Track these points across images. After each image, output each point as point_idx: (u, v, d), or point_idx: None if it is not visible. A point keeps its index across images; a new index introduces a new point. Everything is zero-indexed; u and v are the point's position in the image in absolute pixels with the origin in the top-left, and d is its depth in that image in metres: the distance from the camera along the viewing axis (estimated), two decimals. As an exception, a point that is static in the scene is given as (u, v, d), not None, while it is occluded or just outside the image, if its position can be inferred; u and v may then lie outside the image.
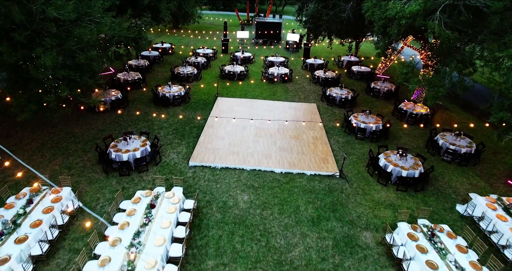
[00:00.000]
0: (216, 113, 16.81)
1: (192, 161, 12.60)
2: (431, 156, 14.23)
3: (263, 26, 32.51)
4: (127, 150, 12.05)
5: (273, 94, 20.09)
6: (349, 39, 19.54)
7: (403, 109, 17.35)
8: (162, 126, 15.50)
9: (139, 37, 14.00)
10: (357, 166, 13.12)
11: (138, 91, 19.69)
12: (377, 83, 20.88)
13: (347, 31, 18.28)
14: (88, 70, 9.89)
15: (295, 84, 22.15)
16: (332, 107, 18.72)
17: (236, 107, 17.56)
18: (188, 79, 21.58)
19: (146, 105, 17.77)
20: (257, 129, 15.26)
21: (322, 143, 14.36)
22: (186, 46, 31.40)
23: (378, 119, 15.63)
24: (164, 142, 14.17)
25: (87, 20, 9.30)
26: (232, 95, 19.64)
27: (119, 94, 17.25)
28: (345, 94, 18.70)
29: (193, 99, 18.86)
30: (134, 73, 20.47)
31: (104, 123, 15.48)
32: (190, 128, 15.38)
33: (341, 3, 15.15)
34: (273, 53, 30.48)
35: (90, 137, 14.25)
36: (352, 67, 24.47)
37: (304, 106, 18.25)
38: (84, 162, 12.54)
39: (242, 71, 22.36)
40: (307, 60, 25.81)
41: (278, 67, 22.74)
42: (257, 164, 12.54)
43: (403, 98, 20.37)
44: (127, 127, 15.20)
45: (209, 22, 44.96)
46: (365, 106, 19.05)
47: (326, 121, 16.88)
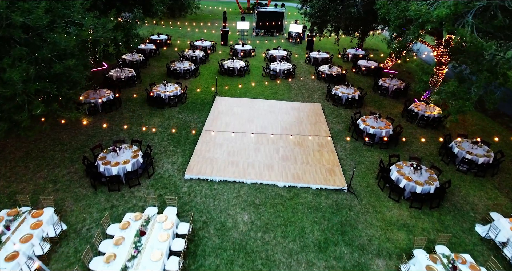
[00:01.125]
0: (214, 115, 15.73)
1: (188, 173, 11.63)
2: (445, 164, 13.23)
3: (264, 16, 30.99)
4: (116, 163, 11.06)
5: (275, 93, 18.95)
6: (357, 34, 18.27)
7: (414, 111, 16.25)
8: (156, 130, 14.45)
9: (128, 36, 12.79)
10: (367, 177, 12.15)
11: (131, 89, 18.55)
12: (385, 80, 19.69)
13: (355, 26, 16.97)
14: (67, 81, 8.79)
15: (298, 81, 20.96)
16: (338, 107, 17.61)
17: (235, 109, 16.47)
18: (185, 76, 20.40)
19: (140, 106, 16.67)
20: (258, 135, 14.21)
21: (328, 151, 13.34)
22: (183, 37, 29.99)
23: (388, 123, 14.57)
24: (158, 149, 13.16)
25: (64, 23, 8.10)
26: (232, 94, 18.50)
27: (111, 94, 16.13)
28: (351, 93, 17.55)
29: (190, 98, 17.74)
30: (128, 69, 19.27)
31: (94, 128, 14.44)
32: (186, 134, 14.34)
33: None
34: (275, 45, 29.11)
35: (79, 144, 13.24)
36: (358, 62, 23.19)
37: (308, 107, 17.14)
38: (71, 174, 11.57)
39: (242, 66, 21.13)
40: (310, 54, 24.51)
41: (280, 62, 21.50)
42: (258, 176, 11.56)
43: (413, 97, 19.25)
44: (119, 133, 14.17)
45: (208, 11, 43.23)
46: (372, 106, 17.95)
47: (332, 124, 15.81)
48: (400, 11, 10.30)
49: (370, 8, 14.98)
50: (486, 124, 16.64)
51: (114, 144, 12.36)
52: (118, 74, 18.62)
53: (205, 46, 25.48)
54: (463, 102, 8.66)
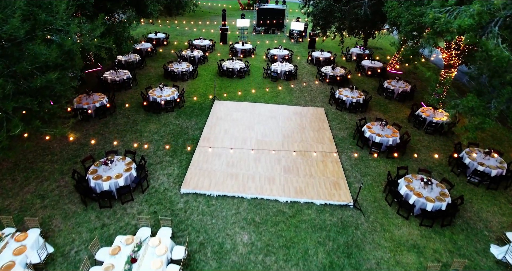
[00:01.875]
0: (212, 121, 15.03)
1: (184, 187, 10.98)
2: (455, 176, 12.57)
3: (265, 13, 30.09)
4: (108, 177, 10.40)
5: (276, 96, 18.22)
6: (362, 36, 17.47)
7: (421, 117, 15.54)
8: (152, 139, 13.78)
9: (121, 39, 12.03)
10: (373, 191, 11.49)
11: (127, 92, 17.83)
12: (391, 82, 18.94)
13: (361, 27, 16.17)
14: (50, 95, 8.09)
15: (300, 83, 20.21)
16: (341, 112, 16.89)
17: (235, 114, 15.76)
18: (183, 78, 19.66)
19: (135, 110, 15.97)
20: (259, 143, 13.53)
21: (333, 161, 12.67)
22: (182, 36, 29.15)
23: (395, 131, 13.87)
24: (153, 160, 12.50)
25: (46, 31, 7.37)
26: (231, 97, 17.78)
27: (105, 99, 15.43)
28: (356, 97, 16.82)
29: (187, 102, 17.03)
30: (123, 71, 18.52)
31: (86, 136, 13.77)
32: (183, 142, 13.67)
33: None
34: (276, 43, 28.27)
35: (70, 154, 12.58)
36: (362, 62, 22.39)
37: (311, 112, 16.43)
38: (61, 188, 10.93)
39: (242, 67, 20.37)
40: (313, 54, 23.71)
41: (282, 63, 20.73)
42: (258, 191, 10.91)
43: (419, 100, 18.53)
44: (112, 141, 13.49)
45: (207, 7, 42.24)
46: (377, 110, 17.24)
47: (335, 130, 15.12)
48: (413, 16, 9.52)
49: (377, 9, 14.19)
50: (496, 131, 15.94)
51: (106, 155, 11.71)
52: (113, 76, 17.89)
53: (203, 45, 24.67)
54: (483, 119, 7.98)
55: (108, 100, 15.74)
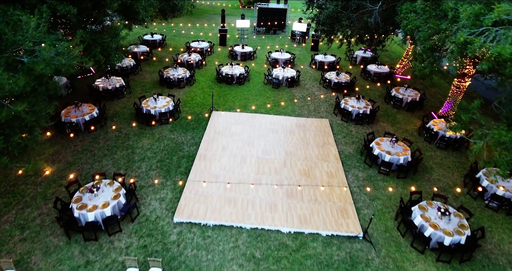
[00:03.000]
0: (210, 136, 14.05)
1: (178, 216, 10.03)
2: (472, 199, 11.61)
3: (266, 13, 28.93)
4: (94, 206, 9.45)
5: (277, 105, 17.20)
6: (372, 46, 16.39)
7: (433, 130, 14.54)
8: (144, 156, 12.81)
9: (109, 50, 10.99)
10: (384, 218, 10.55)
11: (120, 102, 16.83)
12: (399, 90, 17.90)
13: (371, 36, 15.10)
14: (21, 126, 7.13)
15: (303, 90, 19.18)
16: (347, 123, 15.88)
17: (234, 127, 14.77)
18: (179, 84, 18.64)
19: (128, 123, 14.97)
20: (260, 161, 12.56)
21: (339, 183, 11.71)
22: (179, 37, 28.02)
23: (405, 148, 12.90)
24: (145, 182, 11.54)
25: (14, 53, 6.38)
26: (230, 106, 16.78)
27: (95, 110, 14.44)
28: (363, 107, 15.80)
29: (183, 113, 16.03)
30: (116, 78, 17.48)
31: (73, 152, 12.80)
32: (178, 160, 12.70)
33: (367, 5, 11.91)
34: (277, 43, 27.19)
35: (55, 175, 11.63)
36: (368, 67, 21.32)
37: (315, 124, 15.42)
38: (43, 216, 9.99)
39: (242, 73, 19.32)
40: (316, 57, 22.62)
41: (283, 68, 19.67)
42: (259, 220, 9.97)
43: (429, 109, 17.53)
44: (102, 159, 12.53)
45: (206, 5, 40.99)
46: (385, 121, 16.23)
47: (341, 145, 14.14)
48: (434, 31, 8.46)
49: (389, 15, 13.11)
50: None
51: (93, 178, 10.78)
52: (104, 84, 16.87)
53: (202, 48, 23.58)
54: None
55: (99, 111, 14.76)
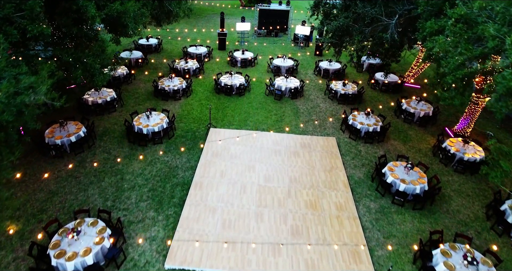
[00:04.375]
0: (207, 159, 12.89)
1: (169, 262, 8.91)
2: (496, 235, 10.48)
3: (267, 15, 27.60)
4: (74, 254, 8.33)
5: (280, 120, 16.01)
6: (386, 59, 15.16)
7: (449, 152, 13.36)
8: (134, 184, 11.67)
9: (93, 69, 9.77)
10: (401, 262, 9.42)
11: (110, 116, 15.64)
12: (410, 103, 16.69)
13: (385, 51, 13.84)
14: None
15: (307, 101, 17.97)
16: (356, 142, 14.70)
17: (233, 147, 13.60)
18: (175, 96, 17.43)
19: (118, 143, 13.80)
20: (262, 190, 11.42)
21: (350, 217, 10.57)
22: (176, 39, 26.71)
23: (421, 174, 11.75)
24: (134, 216, 10.41)
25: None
26: (229, 122, 15.60)
27: (82, 130, 13.26)
28: (372, 125, 14.61)
29: (178, 130, 14.85)
30: (107, 91, 16.26)
31: (57, 179, 11.66)
32: (172, 188, 11.56)
33: (383, 18, 10.64)
34: (279, 47, 25.91)
35: (36, 207, 10.50)
36: (375, 76, 20.07)
37: (321, 143, 14.24)
38: (18, 262, 8.88)
39: (242, 84, 18.10)
40: (320, 64, 21.35)
41: (286, 78, 18.43)
42: (261, 267, 8.86)
43: (442, 123, 16.35)
44: (87, 187, 11.39)
45: (205, 4, 39.51)
46: (396, 138, 15.06)
47: (350, 168, 12.98)
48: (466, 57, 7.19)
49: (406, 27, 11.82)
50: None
51: (75, 215, 9.65)
52: (94, 97, 15.65)
53: (200, 53, 22.34)
54: None
55: (87, 130, 13.59)
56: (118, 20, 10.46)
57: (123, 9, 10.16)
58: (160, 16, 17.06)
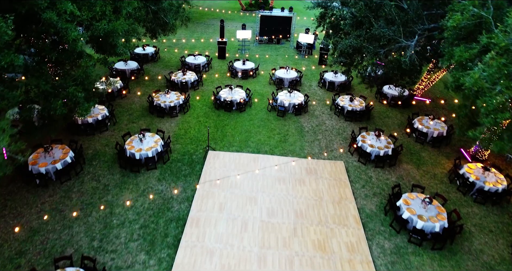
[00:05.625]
0: (205, 188, 11.83)
1: (160, 321, 7.84)
2: (526, 282, 9.41)
3: (269, 22, 26.47)
4: (50, 316, 7.25)
5: (283, 140, 14.92)
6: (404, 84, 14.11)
7: (468, 180, 12.29)
8: (124, 219, 10.60)
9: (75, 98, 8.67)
10: (422, 317, 8.35)
11: (102, 137, 14.57)
12: (422, 121, 15.61)
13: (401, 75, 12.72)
14: None
15: (312, 118, 16.88)
16: (365, 166, 13.63)
17: (233, 174, 12.53)
18: (171, 112, 16.36)
19: (109, 168, 12.75)
20: (265, 228, 10.35)
21: (363, 261, 9.51)
22: (174, 47, 25.60)
23: (441, 209, 10.68)
24: (123, 259, 9.34)
25: None
26: (229, 142, 14.53)
27: (69, 155, 12.20)
28: (384, 148, 13.53)
29: (175, 153, 13.79)
30: (99, 108, 15.19)
31: (39, 214, 10.60)
32: (165, 224, 10.49)
33: (401, 39, 9.51)
34: (281, 55, 24.82)
35: (13, 249, 9.45)
36: (383, 89, 18.99)
37: (328, 168, 13.17)
38: (-12, 320, 7.81)
39: (243, 98, 17.02)
40: (325, 76, 20.26)
41: (290, 92, 17.34)
42: None
43: (457, 143, 15.29)
44: (73, 223, 10.35)
45: (205, 6, 38.31)
46: (408, 161, 14.01)
47: (361, 198, 11.92)
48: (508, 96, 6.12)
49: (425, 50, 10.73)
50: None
51: (54, 263, 8.58)
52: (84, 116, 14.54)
53: (198, 64, 21.25)
54: None
55: (75, 154, 12.54)
56: (105, 40, 9.38)
57: (110, 29, 9.09)
58: (155, 28, 15.96)
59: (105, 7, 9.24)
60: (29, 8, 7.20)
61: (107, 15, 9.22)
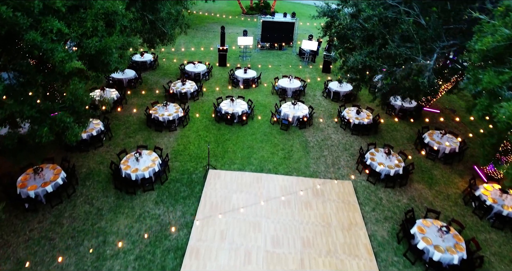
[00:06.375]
0: (205, 213, 11.08)
1: None
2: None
3: (271, 27, 25.71)
4: None
5: (288, 157, 14.18)
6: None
7: (485, 203, 11.55)
8: (118, 249, 9.84)
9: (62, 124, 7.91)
10: None
11: (96, 153, 13.83)
12: (433, 136, 14.86)
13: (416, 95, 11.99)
14: None
15: (317, 132, 16.14)
16: (375, 186, 12.88)
17: (235, 197, 11.79)
18: (169, 126, 15.61)
19: (103, 190, 12.01)
20: (269, 259, 9.60)
21: (376, 299, 8.75)
22: (173, 54, 24.85)
23: (458, 238, 9.94)
24: (117, 298, 8.59)
25: None
26: (230, 159, 13.80)
27: (60, 176, 11.46)
28: (394, 166, 12.79)
29: (173, 171, 13.05)
30: (94, 122, 14.45)
31: (27, 243, 9.85)
32: (163, 255, 9.75)
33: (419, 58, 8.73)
34: (283, 63, 24.09)
35: (-3, 286, 8.68)
36: (391, 99, 18.20)
37: (336, 189, 12.43)
38: None
39: (245, 111, 16.28)
40: (330, 86, 19.51)
41: (294, 104, 16.58)
42: None
43: (469, 159, 14.54)
44: (63, 253, 9.60)
45: (204, 10, 37.54)
46: (420, 180, 13.29)
47: (371, 223, 11.17)
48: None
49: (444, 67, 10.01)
50: None
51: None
52: (78, 131, 13.78)
53: (198, 72, 20.51)
54: None
55: (67, 175, 11.80)
56: (97, 57, 8.64)
57: (102, 46, 8.35)
58: (153, 38, 15.20)
59: (96, 22, 8.49)
60: (9, 28, 6.48)
61: (99, 31, 8.47)
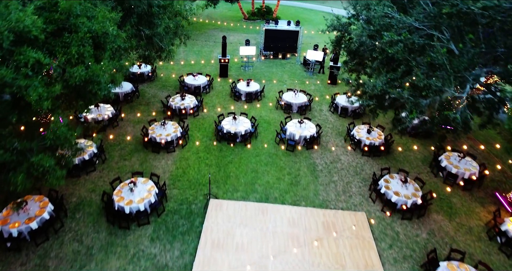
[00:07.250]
0: (205, 253, 10.04)
1: None
2: None
3: (274, 36, 24.70)
4: None
5: (295, 183, 13.15)
6: None
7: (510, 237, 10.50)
8: (109, 298, 8.80)
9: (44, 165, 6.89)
10: None
11: (88, 179, 12.82)
12: (450, 159, 13.82)
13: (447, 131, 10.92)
14: None
15: (325, 153, 15.09)
16: (391, 218, 11.82)
17: (239, 233, 10.74)
18: (167, 147, 14.57)
19: (94, 222, 10.98)
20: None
21: None
22: (172, 65, 23.78)
23: (488, 286, 8.87)
24: None
25: None
26: (233, 185, 12.78)
27: (47, 210, 10.44)
28: (411, 196, 11.75)
29: (171, 201, 12.02)
30: (87, 144, 13.41)
31: (8, 292, 8.80)
32: (158, 305, 8.70)
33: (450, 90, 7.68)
34: (287, 73, 23.06)
35: None
36: (402, 115, 17.13)
37: (348, 222, 11.39)
38: None
39: (248, 130, 15.25)
40: (337, 100, 18.46)
41: (301, 123, 15.51)
42: None
43: (489, 185, 13.50)
44: (46, 306, 8.54)
45: (205, 15, 36.49)
46: (439, 210, 12.29)
47: (389, 264, 10.14)
48: None
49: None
50: None
51: None
52: (69, 155, 12.75)
53: (198, 85, 19.49)
54: None
55: (54, 207, 10.78)
56: (84, 87, 7.62)
57: (89, 75, 7.32)
58: (149, 55, 14.17)
59: (83, 47, 7.46)
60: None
61: (85, 57, 7.44)
